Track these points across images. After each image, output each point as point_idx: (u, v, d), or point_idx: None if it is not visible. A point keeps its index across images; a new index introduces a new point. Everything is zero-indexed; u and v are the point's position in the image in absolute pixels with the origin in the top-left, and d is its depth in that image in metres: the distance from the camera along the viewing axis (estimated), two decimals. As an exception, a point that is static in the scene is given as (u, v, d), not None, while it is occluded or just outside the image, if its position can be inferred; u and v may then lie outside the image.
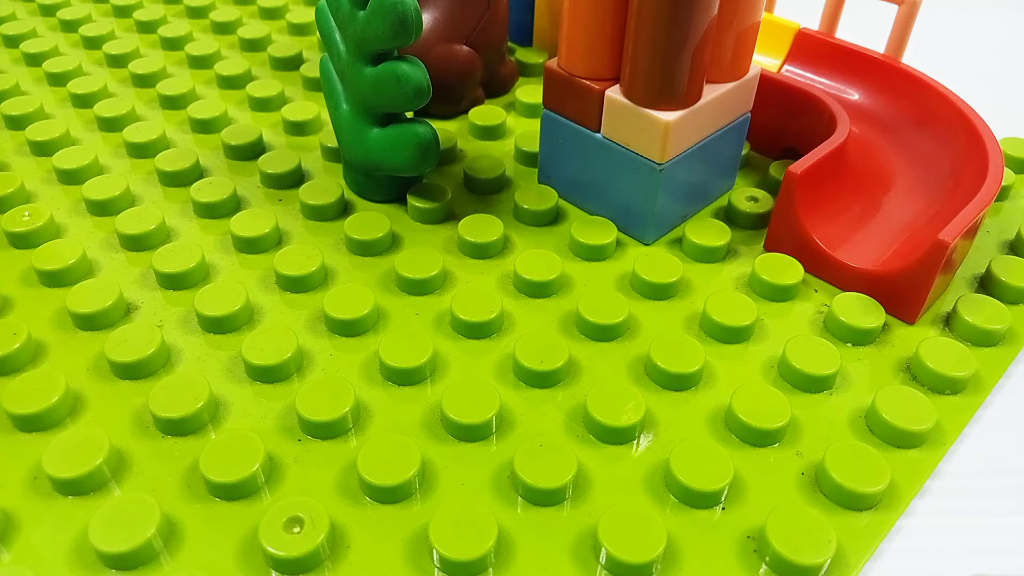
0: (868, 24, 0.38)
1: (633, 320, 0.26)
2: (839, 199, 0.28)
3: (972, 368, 0.24)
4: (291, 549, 0.18)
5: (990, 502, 0.22)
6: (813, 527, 0.19)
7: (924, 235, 0.26)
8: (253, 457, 0.20)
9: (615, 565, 0.19)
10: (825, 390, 0.24)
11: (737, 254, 0.28)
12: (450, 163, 0.32)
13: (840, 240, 0.27)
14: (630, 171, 0.27)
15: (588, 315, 0.25)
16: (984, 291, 0.27)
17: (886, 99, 0.32)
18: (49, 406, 0.21)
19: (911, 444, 0.22)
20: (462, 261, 0.28)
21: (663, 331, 0.25)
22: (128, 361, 0.23)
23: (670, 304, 0.26)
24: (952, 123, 0.30)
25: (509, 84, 0.37)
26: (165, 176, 0.31)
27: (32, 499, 0.20)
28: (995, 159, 0.27)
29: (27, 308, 0.25)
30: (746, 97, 0.28)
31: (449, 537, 0.19)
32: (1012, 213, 0.31)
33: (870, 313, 0.25)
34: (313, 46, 0.40)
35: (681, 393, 0.23)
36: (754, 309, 0.25)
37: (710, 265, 0.28)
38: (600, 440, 0.22)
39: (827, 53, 0.33)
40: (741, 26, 0.26)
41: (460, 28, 0.33)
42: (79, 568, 0.19)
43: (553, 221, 0.30)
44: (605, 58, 0.26)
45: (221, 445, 0.20)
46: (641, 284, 0.26)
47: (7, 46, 0.40)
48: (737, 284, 0.27)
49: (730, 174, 0.31)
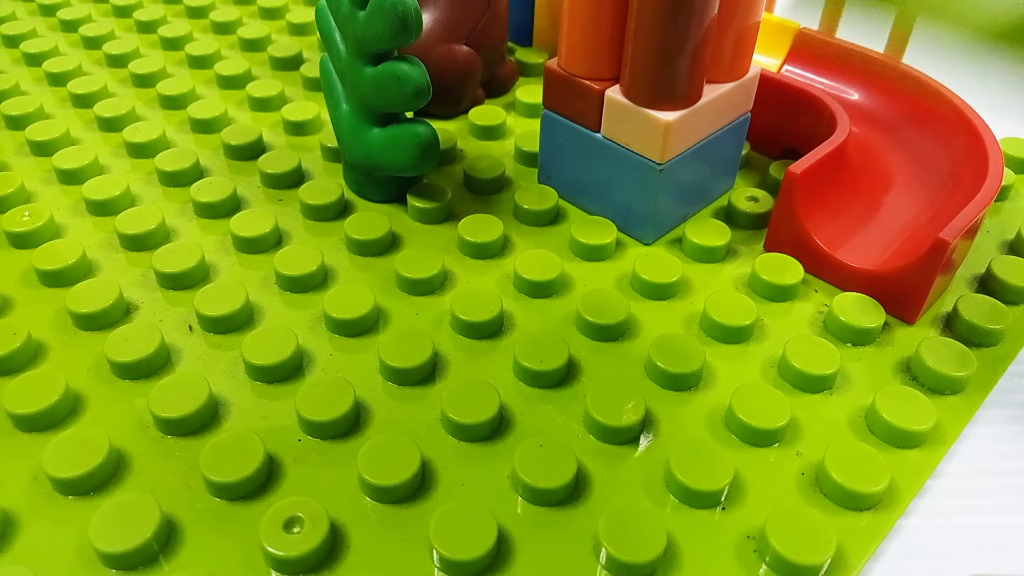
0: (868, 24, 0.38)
1: (633, 320, 0.26)
2: (839, 199, 0.28)
3: (972, 368, 0.24)
4: (291, 549, 0.18)
5: (990, 502, 0.22)
6: (813, 527, 0.19)
7: (924, 235, 0.26)
8: (253, 457, 0.20)
9: (615, 565, 0.19)
10: (825, 390, 0.24)
11: (737, 254, 0.28)
12: (450, 163, 0.32)
13: (840, 240, 0.27)
14: (630, 171, 0.27)
15: (588, 315, 0.25)
16: (984, 291, 0.27)
17: (886, 99, 0.32)
18: (49, 406, 0.21)
19: (911, 444, 0.22)
20: (462, 261, 0.28)
21: (663, 331, 0.25)
22: (128, 361, 0.23)
23: (670, 304, 0.26)
24: (952, 123, 0.30)
25: (509, 84, 0.37)
26: (165, 176, 0.31)
27: (32, 499, 0.20)
28: (995, 159, 0.27)
29: (27, 308, 0.25)
30: (746, 97, 0.28)
31: (449, 537, 0.19)
32: (1012, 213, 0.31)
33: (870, 313, 0.25)
34: (313, 46, 0.40)
35: (681, 393, 0.23)
36: (754, 309, 0.25)
37: (710, 265, 0.28)
38: (600, 440, 0.22)
39: (827, 53, 0.33)
40: (741, 26, 0.26)
41: (460, 28, 0.33)
42: (79, 568, 0.19)
43: (553, 221, 0.30)
44: (605, 58, 0.26)
45: (221, 445, 0.20)
46: (641, 284, 0.26)
47: (7, 46, 0.40)
48: (737, 284, 0.27)
49: (730, 174, 0.31)
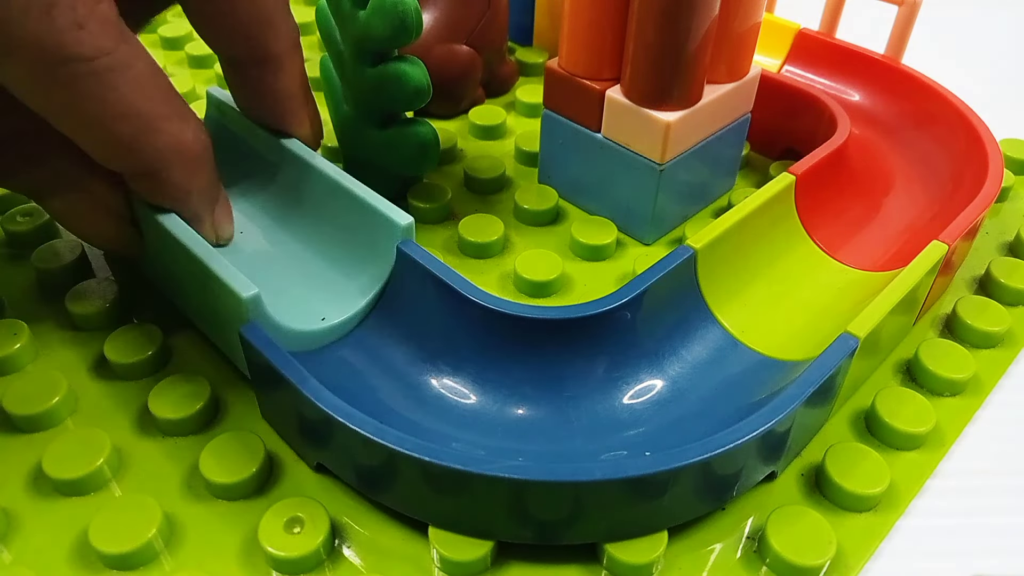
0: (868, 24, 0.38)
1: (633, 320, 0.26)
2: (839, 200, 0.28)
3: (971, 370, 0.24)
4: (291, 549, 0.18)
5: (990, 502, 0.22)
6: (813, 528, 0.19)
7: (924, 236, 0.26)
8: (254, 457, 0.20)
9: (615, 565, 0.19)
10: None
11: (737, 255, 0.28)
12: (450, 163, 0.32)
13: (840, 241, 0.27)
14: (630, 171, 0.27)
15: (588, 315, 0.25)
16: (983, 293, 0.27)
17: (886, 100, 0.32)
18: (49, 406, 0.21)
19: (910, 446, 0.22)
20: (462, 261, 0.28)
21: (663, 331, 0.25)
22: (129, 361, 0.23)
23: (670, 304, 0.26)
24: (952, 124, 0.30)
25: (509, 84, 0.37)
26: (165, 176, 0.31)
27: (32, 499, 0.20)
28: (995, 160, 0.27)
29: (27, 308, 0.25)
30: (746, 97, 0.28)
31: (449, 537, 0.19)
32: (1011, 214, 0.31)
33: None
34: (313, 46, 0.40)
35: (681, 394, 0.23)
36: (754, 310, 0.25)
37: (710, 265, 0.28)
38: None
39: (827, 53, 0.33)
40: (742, 27, 0.26)
41: (460, 28, 0.33)
42: (79, 568, 0.19)
43: (553, 221, 0.30)
44: (605, 58, 0.26)
45: (222, 445, 0.20)
46: (641, 284, 0.26)
47: (7, 45, 0.40)
48: (737, 285, 0.27)
49: (730, 174, 0.31)
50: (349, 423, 0.18)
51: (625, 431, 0.21)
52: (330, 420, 0.18)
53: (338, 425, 0.18)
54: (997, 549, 0.21)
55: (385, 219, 0.22)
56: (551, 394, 0.22)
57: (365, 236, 0.23)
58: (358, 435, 0.18)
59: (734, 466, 0.19)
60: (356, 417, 0.18)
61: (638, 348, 0.22)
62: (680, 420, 0.21)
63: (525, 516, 0.18)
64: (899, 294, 0.22)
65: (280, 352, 0.19)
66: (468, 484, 0.18)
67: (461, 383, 0.22)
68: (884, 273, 0.26)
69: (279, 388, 0.20)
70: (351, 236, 0.23)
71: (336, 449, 0.20)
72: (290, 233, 0.25)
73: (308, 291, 0.23)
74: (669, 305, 0.23)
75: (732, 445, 0.18)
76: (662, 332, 0.23)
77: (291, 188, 0.25)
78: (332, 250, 0.24)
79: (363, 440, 0.18)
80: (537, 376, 0.22)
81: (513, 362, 0.22)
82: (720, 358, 0.23)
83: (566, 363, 0.22)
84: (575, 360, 0.22)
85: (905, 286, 0.22)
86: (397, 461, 0.18)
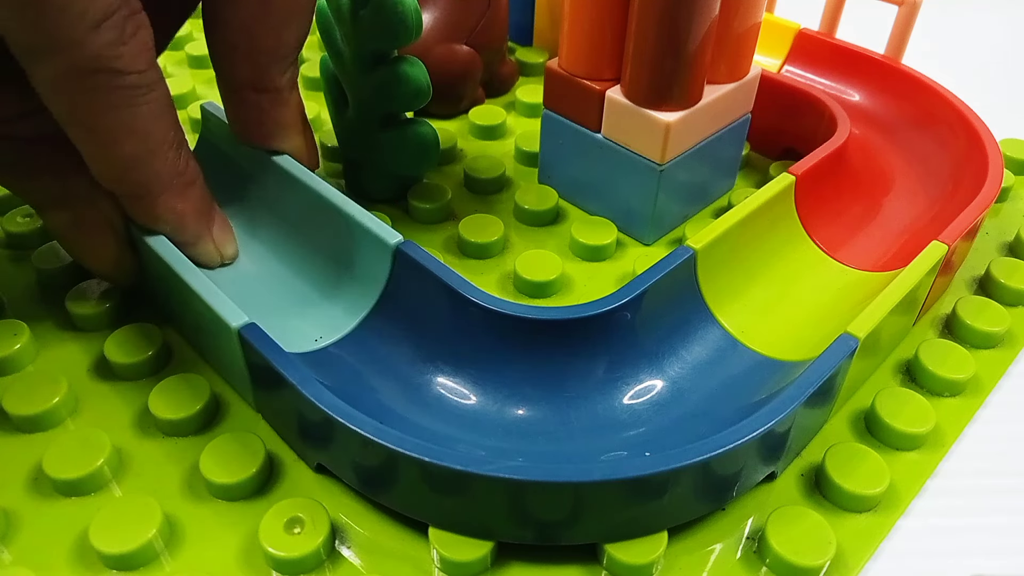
0: (868, 24, 0.38)
1: (633, 321, 0.26)
2: (839, 200, 0.28)
3: (971, 370, 0.24)
4: (291, 549, 0.18)
5: (990, 502, 0.22)
6: (813, 528, 0.19)
7: (924, 237, 0.26)
8: (254, 457, 0.20)
9: (615, 565, 0.19)
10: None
11: (737, 255, 0.28)
12: (450, 163, 0.32)
13: (840, 241, 0.27)
14: (630, 171, 0.27)
15: (588, 316, 0.25)
16: (983, 293, 0.27)
17: (886, 100, 0.32)
18: (49, 406, 0.21)
19: (910, 446, 0.22)
20: (462, 261, 0.28)
21: (663, 332, 0.25)
22: (129, 361, 0.23)
23: (670, 305, 0.26)
24: (952, 124, 0.30)
25: (509, 84, 0.37)
26: (165, 176, 0.31)
27: (32, 499, 0.20)
28: (995, 161, 0.27)
29: (27, 308, 0.25)
30: (747, 98, 0.28)
31: (449, 537, 0.19)
32: (1011, 215, 0.31)
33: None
34: (313, 46, 0.40)
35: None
36: (754, 310, 0.25)
37: (710, 266, 0.28)
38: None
39: (827, 53, 0.33)
40: (742, 27, 0.26)
41: (460, 28, 0.33)
42: (79, 568, 0.19)
43: (553, 221, 0.30)
44: (605, 58, 0.26)
45: (222, 445, 0.20)
46: (641, 285, 0.26)
47: (6, 45, 0.40)
48: (737, 285, 0.27)
49: (730, 174, 0.31)
50: (349, 423, 0.18)
51: (625, 431, 0.21)
52: (330, 420, 0.18)
53: (338, 425, 0.18)
54: (997, 549, 0.21)
55: (375, 238, 0.22)
56: (551, 394, 0.22)
57: (357, 254, 0.23)
58: (358, 435, 0.18)
59: (734, 466, 0.19)
60: (356, 417, 0.18)
61: (638, 348, 0.22)
62: (680, 420, 0.21)
63: (525, 516, 0.18)
64: (899, 294, 0.22)
65: (280, 352, 0.19)
66: (468, 484, 0.18)
67: (461, 383, 0.22)
68: (884, 273, 0.26)
69: (279, 389, 0.20)
70: (344, 254, 0.23)
71: (336, 449, 0.20)
72: (283, 251, 0.25)
73: (302, 311, 0.23)
74: (669, 305, 0.23)
75: (732, 445, 0.18)
76: (662, 332, 0.23)
77: (284, 206, 0.25)
78: (325, 268, 0.24)
79: (363, 440, 0.18)
80: (537, 376, 0.22)
81: (513, 362, 0.22)
82: (720, 358, 0.23)
83: (566, 363, 0.22)
84: (575, 360, 0.22)
85: (905, 286, 0.22)
86: (397, 461, 0.18)
